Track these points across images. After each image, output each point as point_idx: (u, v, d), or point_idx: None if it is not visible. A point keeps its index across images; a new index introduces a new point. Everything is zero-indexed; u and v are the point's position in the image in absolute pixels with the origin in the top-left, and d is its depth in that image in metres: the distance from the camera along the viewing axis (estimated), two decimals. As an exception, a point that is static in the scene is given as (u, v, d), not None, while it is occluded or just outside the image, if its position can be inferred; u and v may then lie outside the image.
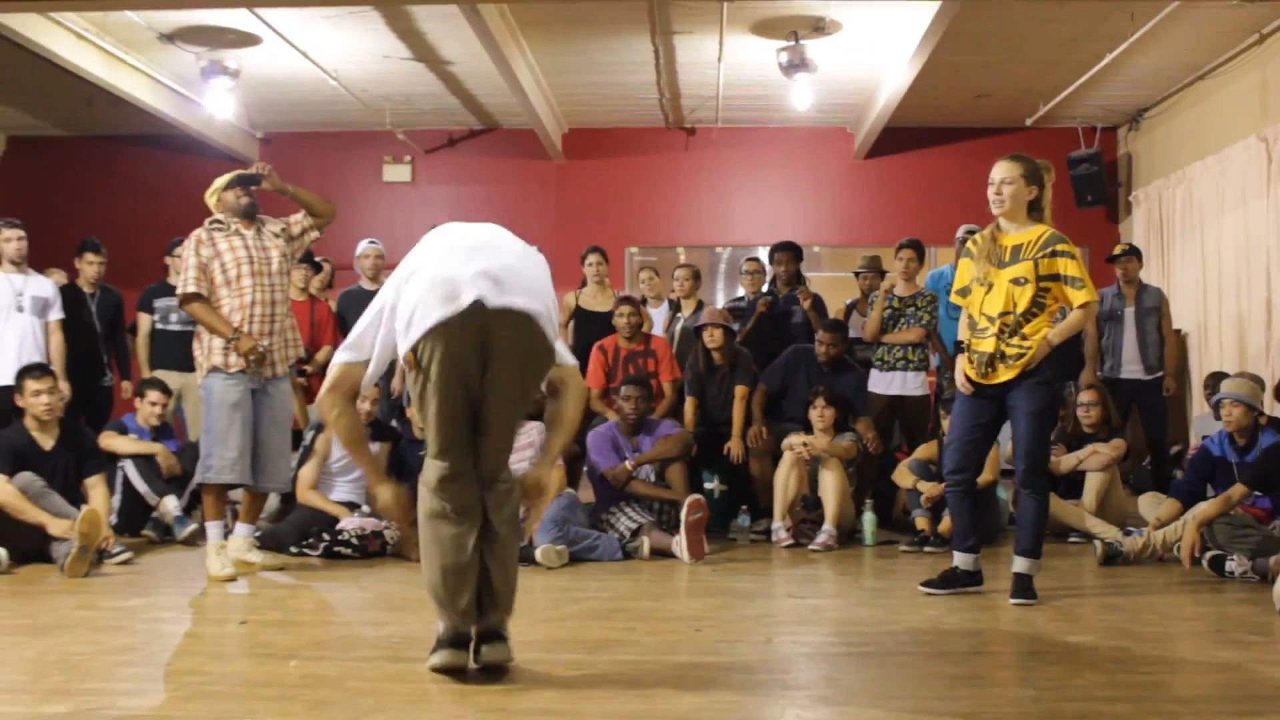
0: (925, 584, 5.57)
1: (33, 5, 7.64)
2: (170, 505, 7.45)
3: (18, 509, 6.50)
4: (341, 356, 4.00)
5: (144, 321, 9.08)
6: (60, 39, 9.15)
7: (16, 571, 6.34)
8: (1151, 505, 7.12)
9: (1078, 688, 3.78)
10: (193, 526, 6.96)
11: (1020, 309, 5.28)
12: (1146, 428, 9.10)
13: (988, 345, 5.34)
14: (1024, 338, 5.27)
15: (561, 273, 11.61)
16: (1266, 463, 6.23)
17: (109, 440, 7.58)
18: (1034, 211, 5.43)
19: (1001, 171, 5.41)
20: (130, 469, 7.60)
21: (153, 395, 7.93)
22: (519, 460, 7.00)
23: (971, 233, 8.96)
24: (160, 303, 8.87)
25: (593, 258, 9.21)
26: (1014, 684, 3.84)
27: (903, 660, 4.25)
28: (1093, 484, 7.43)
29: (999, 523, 7.57)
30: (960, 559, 5.58)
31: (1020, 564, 5.37)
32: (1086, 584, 6.05)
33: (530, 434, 7.12)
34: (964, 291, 5.55)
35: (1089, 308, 5.35)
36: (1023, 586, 5.33)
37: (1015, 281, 5.29)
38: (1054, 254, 5.27)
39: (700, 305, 9.10)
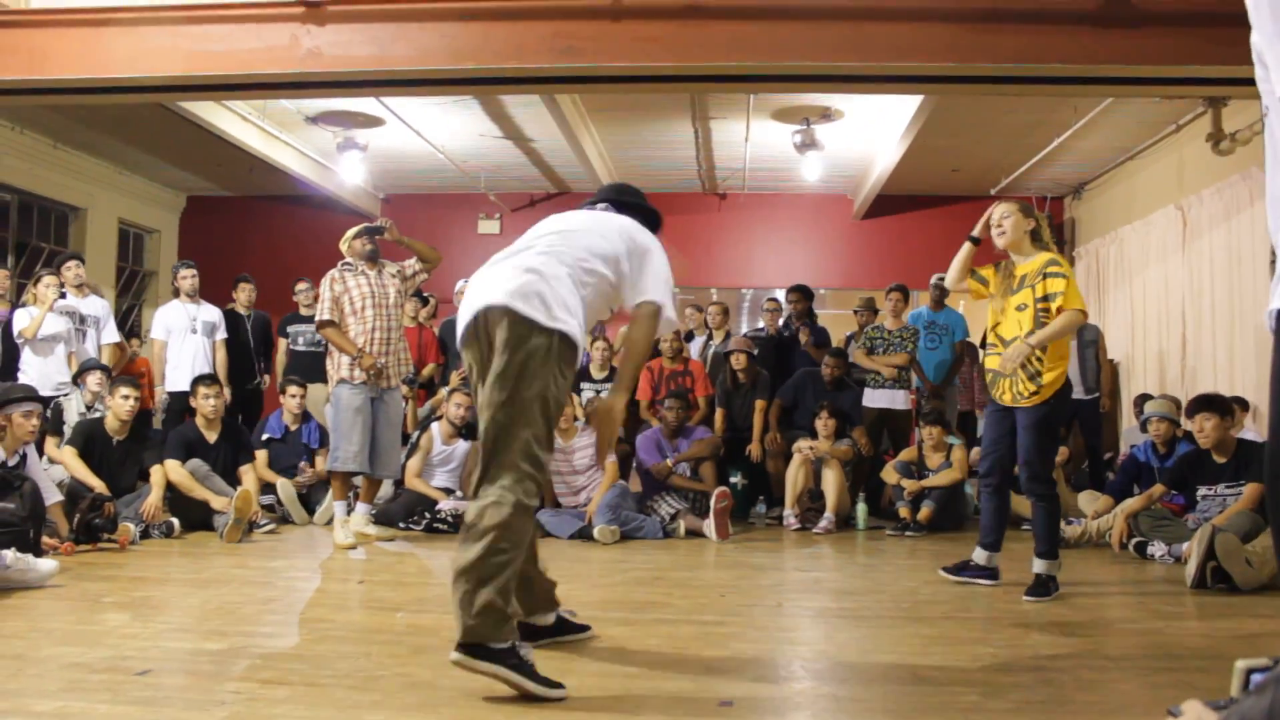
0: (945, 568, 5.14)
1: (209, 95, 7.74)
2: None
3: (188, 488, 6.59)
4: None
5: (280, 344, 9.20)
6: (229, 120, 9.28)
7: (186, 537, 6.44)
8: (1089, 501, 7.05)
9: (1028, 646, 3.73)
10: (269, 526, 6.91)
11: (1024, 332, 4.73)
12: (1085, 437, 9.00)
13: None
14: (1040, 379, 4.69)
15: (618, 308, 11.69)
16: (1182, 467, 6.18)
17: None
18: (1037, 241, 4.85)
19: (1000, 211, 4.90)
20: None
21: (291, 390, 8.00)
22: (581, 472, 7.03)
23: (942, 279, 8.93)
24: (292, 329, 8.99)
25: None
26: (976, 643, 3.78)
27: (887, 622, 4.21)
28: (1042, 482, 7.34)
29: (965, 512, 7.50)
30: (977, 554, 5.09)
31: (1038, 565, 4.80)
32: (1036, 563, 5.97)
33: (590, 435, 7.11)
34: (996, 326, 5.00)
35: (1070, 315, 4.64)
36: (1039, 585, 4.75)
37: (1019, 308, 4.79)
38: (1045, 276, 4.72)
39: (729, 335, 9.10)
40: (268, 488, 7.34)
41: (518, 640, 3.01)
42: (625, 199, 3.76)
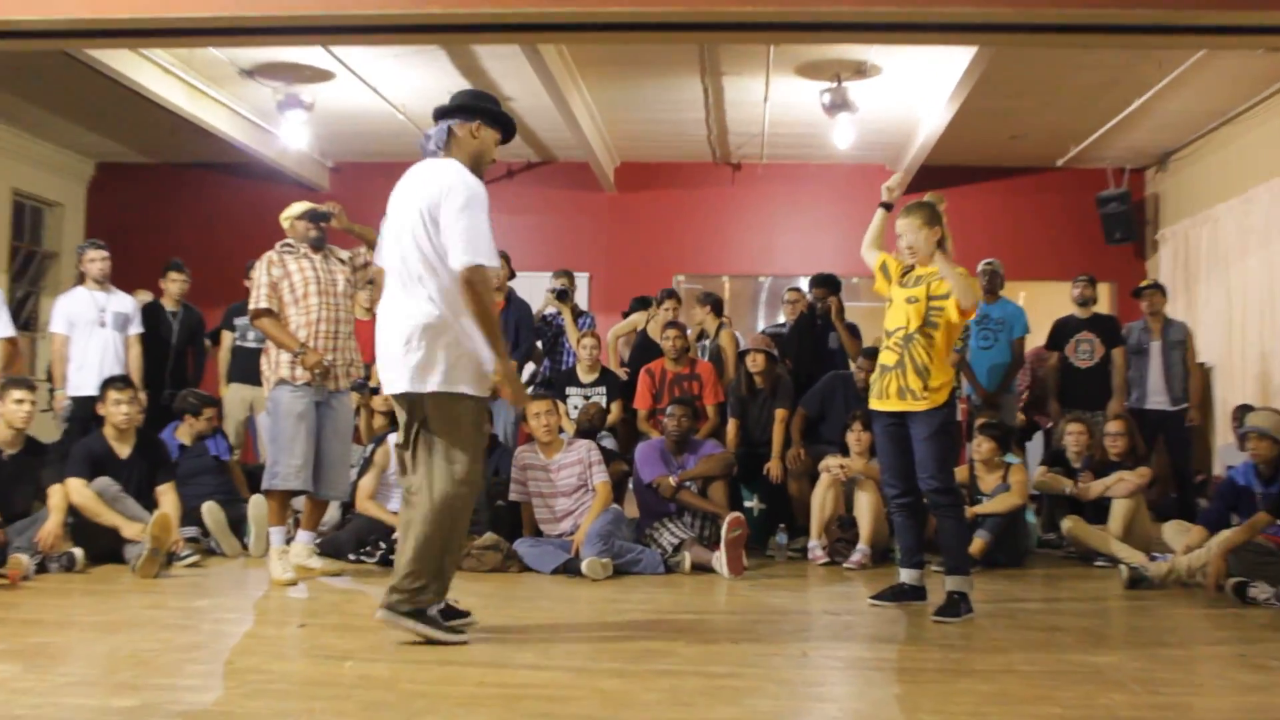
0: (874, 597, 5.71)
1: (124, 41, 7.72)
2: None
3: (94, 512, 6.55)
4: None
5: (225, 338, 9.17)
6: (148, 72, 9.25)
7: (91, 571, 6.41)
8: (1175, 532, 7.02)
9: (1103, 707, 3.70)
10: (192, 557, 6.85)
11: (912, 327, 5.41)
12: (1171, 457, 8.97)
13: (887, 359, 5.49)
14: (928, 378, 5.34)
15: (611, 300, 11.67)
16: (1290, 493, 6.14)
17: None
18: (941, 248, 5.56)
19: (902, 229, 5.68)
20: None
21: (207, 413, 7.93)
22: (566, 495, 7.01)
23: (991, 264, 8.93)
24: (240, 320, 8.93)
25: (669, 303, 8.92)
26: (1040, 702, 3.75)
27: (933, 676, 4.18)
28: (1119, 510, 7.32)
29: (1027, 545, 7.48)
30: (905, 574, 5.74)
31: (950, 582, 5.38)
32: (1112, 606, 5.95)
33: (579, 450, 7.09)
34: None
35: (968, 280, 5.45)
36: (950, 604, 5.30)
37: (909, 300, 5.47)
38: (942, 276, 5.44)
39: (721, 326, 9.06)
40: (187, 515, 7.29)
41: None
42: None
